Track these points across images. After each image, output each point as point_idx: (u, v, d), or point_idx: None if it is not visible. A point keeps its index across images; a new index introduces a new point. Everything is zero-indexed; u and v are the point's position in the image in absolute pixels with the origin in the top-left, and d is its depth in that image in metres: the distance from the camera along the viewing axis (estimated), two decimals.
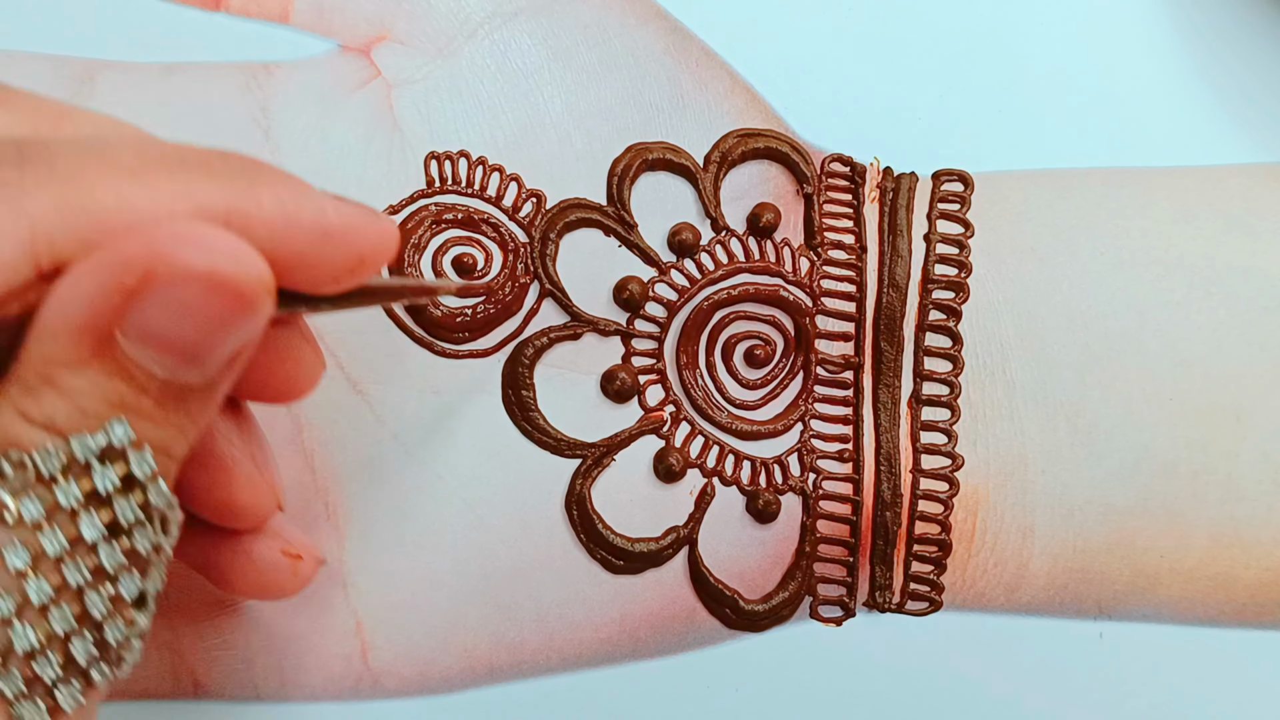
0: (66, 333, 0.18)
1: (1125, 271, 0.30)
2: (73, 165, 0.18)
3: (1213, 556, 0.30)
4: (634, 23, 0.31)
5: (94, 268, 0.18)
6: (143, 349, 0.19)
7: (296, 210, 0.20)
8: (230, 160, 0.20)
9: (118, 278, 0.18)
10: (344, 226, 0.21)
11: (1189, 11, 0.32)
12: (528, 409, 0.30)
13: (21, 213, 0.17)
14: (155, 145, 0.20)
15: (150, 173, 0.19)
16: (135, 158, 0.19)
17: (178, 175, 0.19)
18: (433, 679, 0.30)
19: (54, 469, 0.18)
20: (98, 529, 0.19)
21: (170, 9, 0.31)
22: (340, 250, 0.21)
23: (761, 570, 0.30)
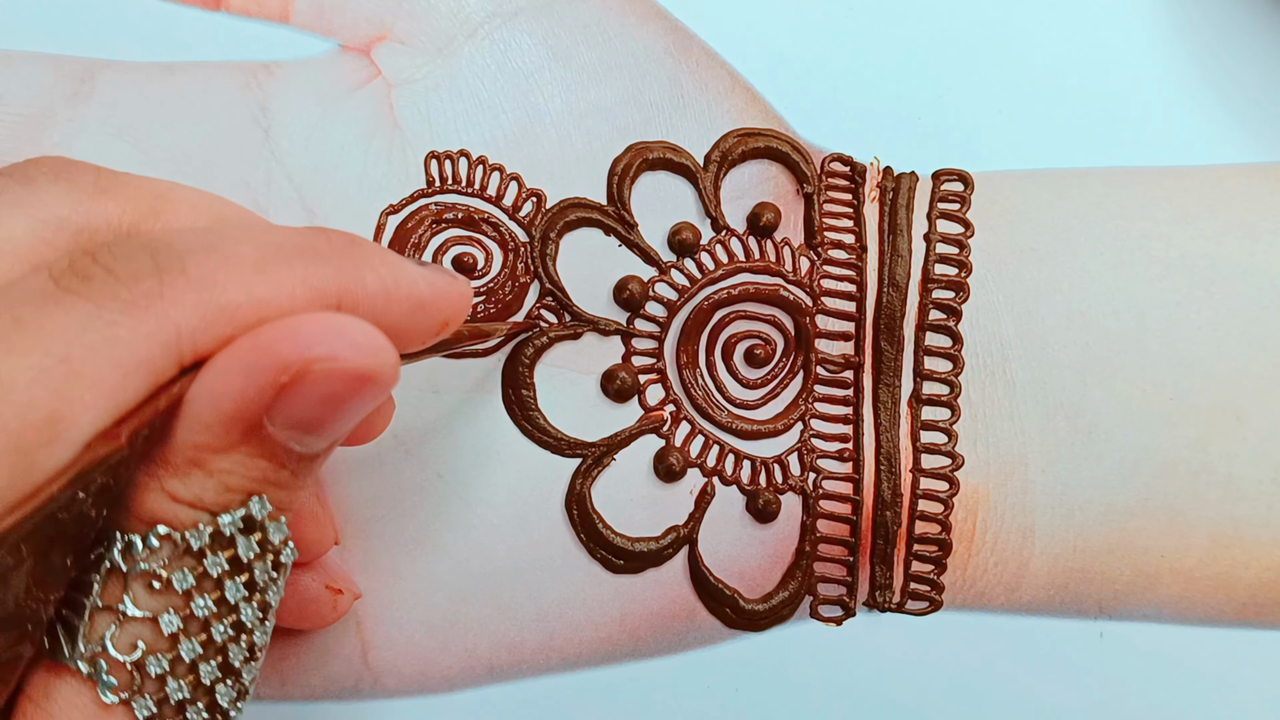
0: (219, 423, 0.19)
1: (1125, 271, 0.30)
2: (204, 268, 0.19)
3: (1213, 556, 0.30)
4: (634, 22, 0.31)
5: (243, 363, 0.19)
6: (288, 433, 0.20)
7: (396, 286, 0.21)
8: (334, 240, 0.21)
9: (272, 374, 0.19)
10: (434, 294, 0.22)
11: (1189, 12, 0.32)
12: (528, 408, 0.30)
13: (168, 321, 0.19)
14: (267, 233, 0.21)
15: (270, 265, 0.20)
16: (255, 251, 0.20)
17: (295, 264, 0.20)
18: (433, 678, 0.30)
19: (203, 543, 0.20)
20: (239, 591, 0.21)
21: (170, 9, 0.31)
22: (431, 318, 0.23)
23: (761, 570, 0.30)
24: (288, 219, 0.30)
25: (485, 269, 0.31)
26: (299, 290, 0.20)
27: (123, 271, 0.19)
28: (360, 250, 0.21)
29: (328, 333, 0.20)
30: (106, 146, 0.30)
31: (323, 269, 0.20)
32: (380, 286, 0.21)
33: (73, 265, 0.19)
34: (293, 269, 0.20)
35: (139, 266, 0.19)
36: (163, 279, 0.19)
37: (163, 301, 0.19)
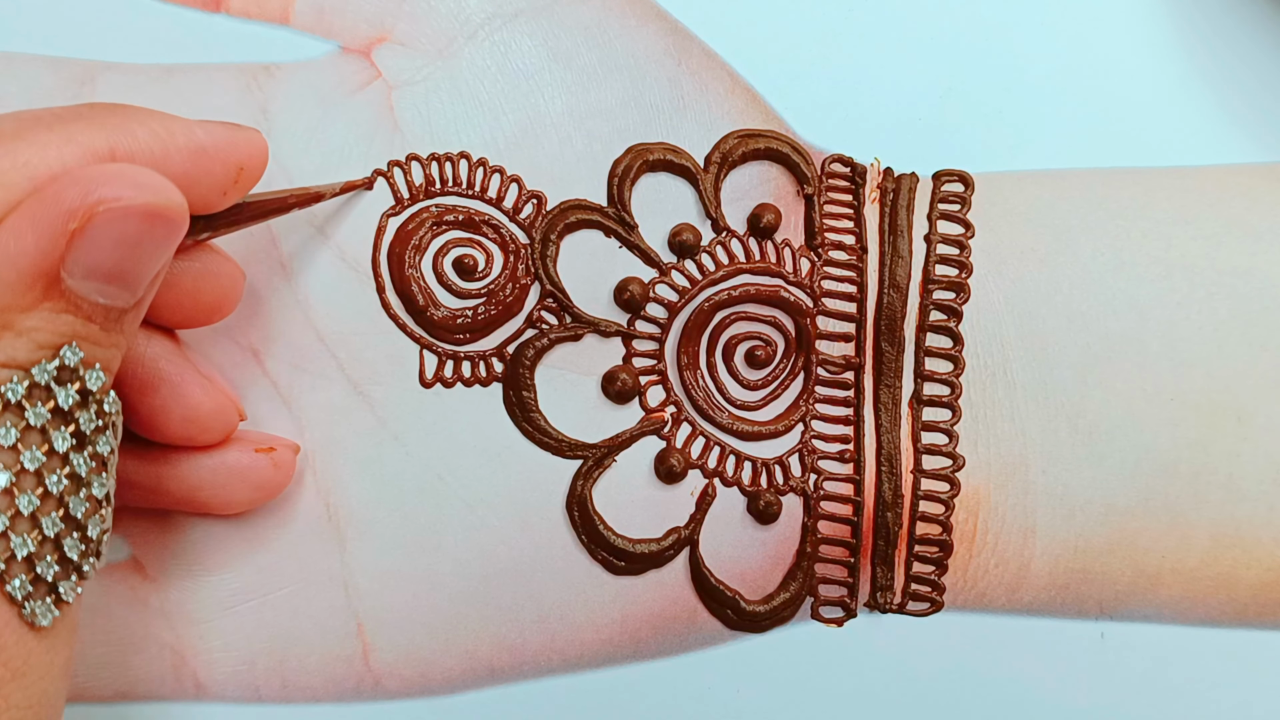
0: (18, 281, 0.20)
1: (1126, 272, 0.30)
2: None
3: (1214, 556, 0.30)
4: (634, 24, 0.31)
5: (31, 218, 0.20)
6: (86, 283, 0.21)
7: (170, 136, 0.22)
8: (98, 107, 0.22)
9: (60, 223, 0.20)
10: (215, 141, 0.23)
11: (1189, 12, 0.32)
12: (529, 410, 0.30)
13: None
14: (29, 110, 0.22)
15: (31, 132, 0.21)
16: (14, 123, 0.21)
17: (56, 128, 0.21)
18: (434, 680, 0.30)
19: (19, 395, 0.21)
20: (67, 440, 0.21)
21: (170, 10, 0.31)
22: (218, 163, 0.24)
23: (763, 571, 0.30)
24: (288, 219, 0.30)
25: (486, 271, 0.31)
26: (66, 149, 0.21)
27: None
28: (127, 109, 0.22)
29: (110, 177, 0.21)
30: None
31: (88, 128, 0.21)
32: (152, 136, 0.22)
33: None
34: (55, 132, 0.21)
35: None
36: None
37: None
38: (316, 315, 0.30)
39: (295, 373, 0.30)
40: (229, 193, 0.24)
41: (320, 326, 0.30)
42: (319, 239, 0.30)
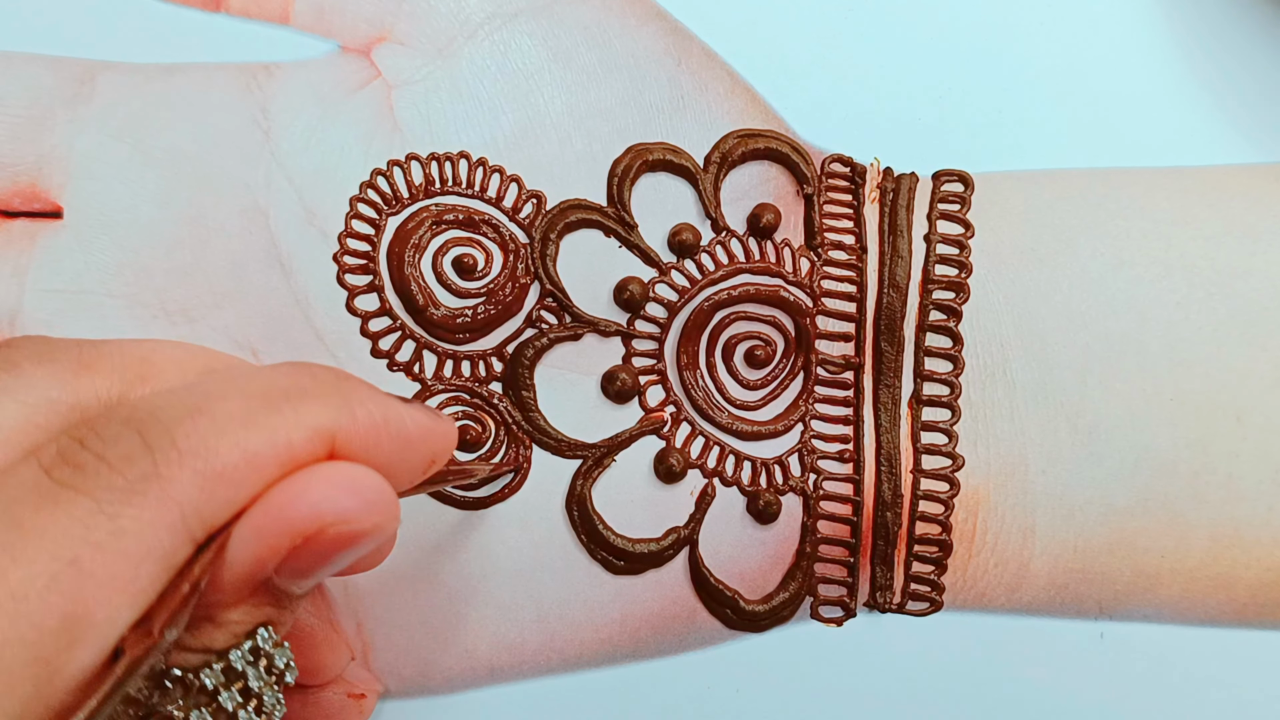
0: (230, 586, 0.20)
1: (1125, 272, 0.30)
2: (193, 437, 0.19)
3: (1213, 556, 0.30)
4: (634, 24, 0.31)
5: (257, 532, 0.19)
6: (291, 582, 0.21)
7: (386, 423, 0.21)
8: (320, 377, 0.21)
9: (285, 540, 0.19)
10: (420, 431, 0.22)
11: (1188, 13, 0.32)
12: (528, 409, 0.30)
13: (169, 501, 0.18)
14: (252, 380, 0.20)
15: (259, 415, 0.20)
16: (242, 404, 0.20)
17: (284, 409, 0.20)
18: (433, 679, 0.30)
19: (217, 681, 0.20)
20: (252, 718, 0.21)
21: (170, 9, 0.31)
22: (418, 455, 0.22)
23: (762, 571, 0.30)
24: (288, 220, 0.30)
25: (485, 270, 0.31)
26: (294, 435, 0.20)
27: (114, 456, 0.18)
28: (349, 385, 0.21)
29: (338, 490, 0.20)
30: (106, 148, 0.30)
31: (314, 408, 0.20)
32: (371, 423, 0.21)
33: (62, 454, 0.18)
34: (283, 415, 0.20)
35: (129, 448, 0.18)
36: (155, 458, 0.18)
37: (160, 482, 0.18)
38: (316, 314, 0.30)
39: None
40: (415, 479, 0.23)
41: (320, 326, 0.30)
42: (319, 239, 0.30)
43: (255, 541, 0.19)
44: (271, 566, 0.20)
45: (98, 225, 0.30)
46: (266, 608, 0.21)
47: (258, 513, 0.19)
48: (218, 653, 0.20)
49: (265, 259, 0.30)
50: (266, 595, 0.21)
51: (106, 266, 0.30)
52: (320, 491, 0.20)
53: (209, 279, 0.30)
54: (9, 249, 0.30)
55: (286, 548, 0.19)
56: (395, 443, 0.21)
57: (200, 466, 0.19)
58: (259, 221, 0.30)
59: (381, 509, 0.20)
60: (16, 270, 0.30)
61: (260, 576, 0.20)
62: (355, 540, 0.20)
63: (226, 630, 0.20)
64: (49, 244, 0.30)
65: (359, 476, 0.20)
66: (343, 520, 0.20)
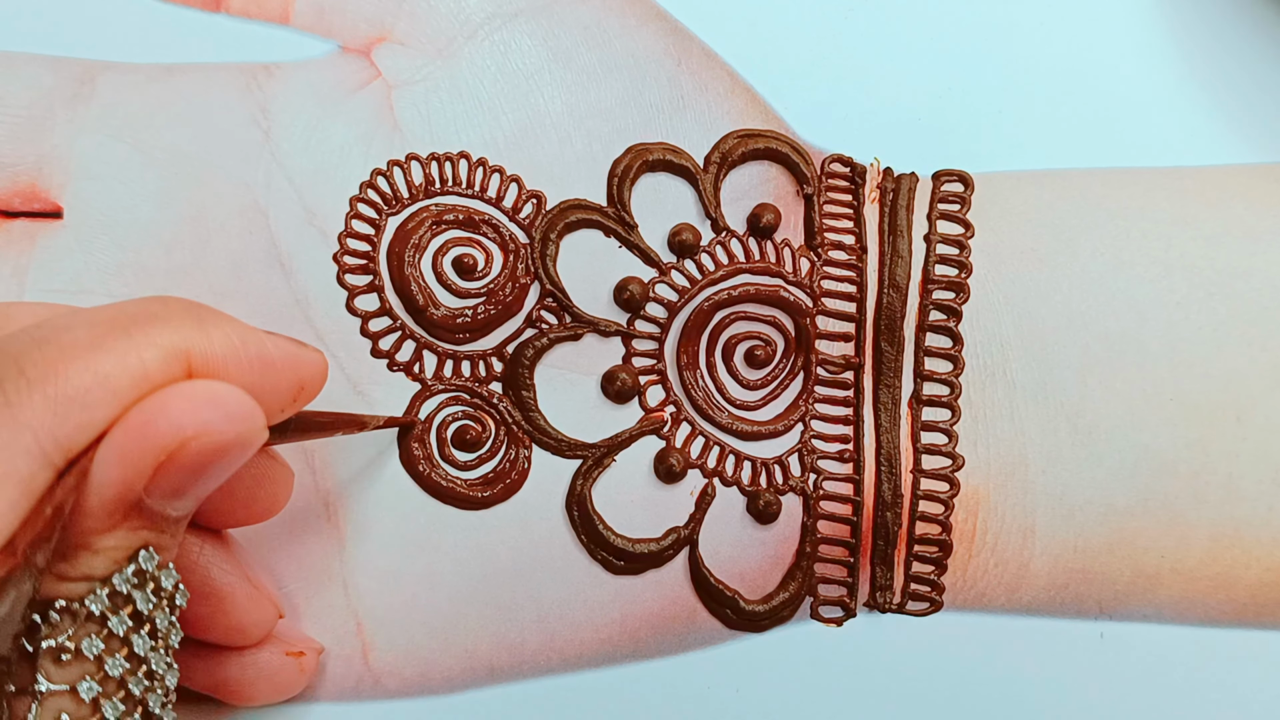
0: (101, 510, 0.20)
1: (1125, 272, 0.30)
2: (40, 364, 0.19)
3: (1213, 556, 0.30)
4: (634, 24, 0.31)
5: (120, 451, 0.19)
6: (164, 501, 0.21)
7: (243, 345, 0.22)
8: (171, 304, 0.21)
9: (149, 457, 0.20)
10: (283, 355, 0.23)
11: (1188, 13, 0.32)
12: (528, 409, 0.30)
13: (21, 428, 0.19)
14: (99, 311, 0.21)
15: (107, 339, 0.20)
16: (88, 331, 0.20)
17: (133, 332, 0.20)
18: (434, 679, 0.30)
19: (103, 606, 0.21)
20: (147, 642, 0.21)
21: (170, 9, 0.31)
22: (283, 379, 0.23)
23: (762, 571, 0.30)
24: (288, 219, 0.30)
25: (485, 270, 0.31)
26: (146, 354, 0.20)
27: None
28: (203, 310, 0.22)
29: (198, 405, 0.20)
30: (106, 148, 0.30)
31: (164, 329, 0.20)
32: (227, 343, 0.21)
33: None
34: (133, 338, 0.20)
35: None
36: (4, 386, 0.19)
37: (10, 409, 0.19)
38: (316, 314, 0.30)
39: None
40: (286, 409, 0.24)
41: (320, 326, 0.30)
42: (319, 239, 0.30)
43: (118, 462, 0.20)
44: (139, 486, 0.20)
45: (98, 225, 0.30)
46: (144, 531, 0.21)
47: (117, 433, 0.20)
48: (101, 579, 0.21)
49: (265, 259, 0.30)
50: (142, 518, 0.21)
51: (106, 266, 0.30)
52: (179, 406, 0.20)
53: (209, 279, 0.30)
54: (9, 249, 0.30)
55: (151, 465, 0.20)
56: (255, 364, 0.22)
57: (50, 391, 0.19)
58: (259, 221, 0.30)
59: (243, 419, 0.20)
60: (16, 270, 0.30)
61: (130, 498, 0.20)
62: (221, 454, 0.20)
63: (105, 556, 0.21)
64: (49, 244, 0.30)
65: (218, 390, 0.20)
66: (204, 432, 0.20)
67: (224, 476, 0.21)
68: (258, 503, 0.27)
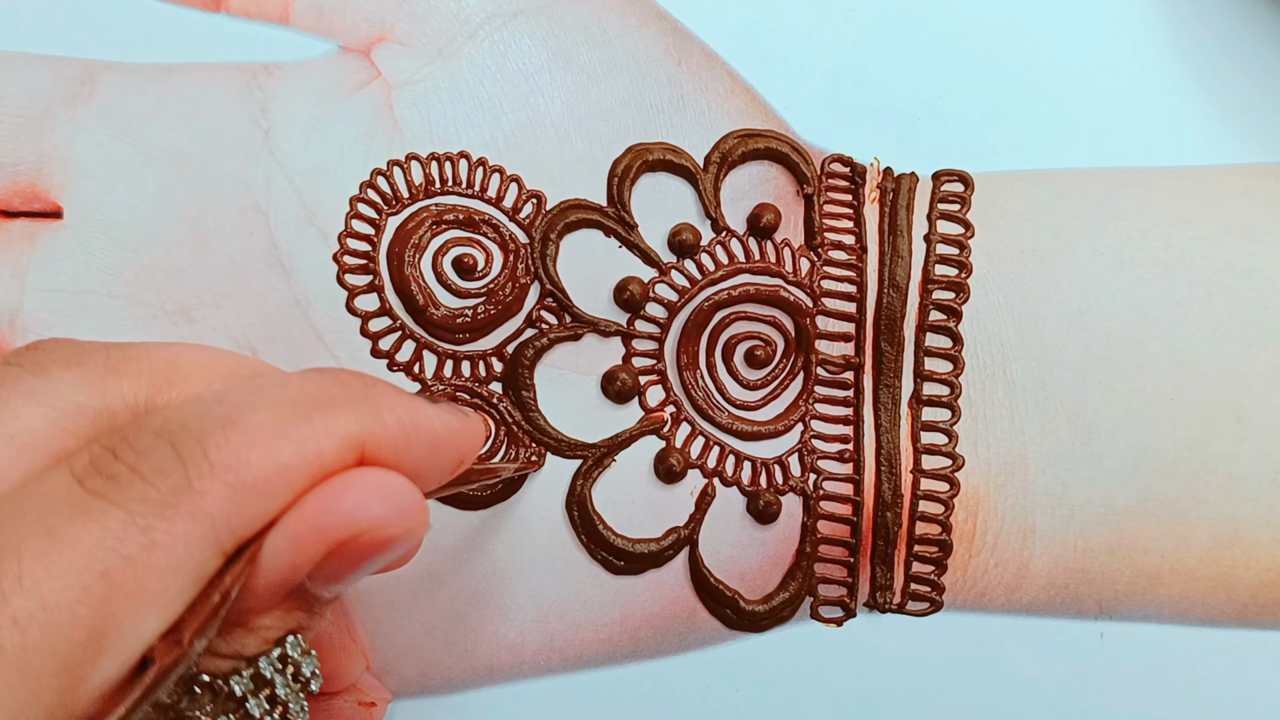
0: (264, 591, 0.20)
1: (1125, 272, 0.30)
2: (224, 448, 0.19)
3: (1213, 556, 0.30)
4: (634, 24, 0.31)
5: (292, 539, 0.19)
6: (323, 587, 0.21)
7: (415, 426, 0.21)
8: (349, 384, 0.21)
9: (320, 547, 0.19)
10: (449, 434, 0.22)
11: (1188, 13, 0.32)
12: (528, 409, 0.30)
13: (201, 515, 0.18)
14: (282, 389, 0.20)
15: (290, 426, 0.19)
16: (272, 415, 0.19)
17: (314, 419, 0.20)
18: (433, 679, 0.30)
19: (245, 689, 0.21)
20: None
21: (170, 9, 0.31)
22: (447, 457, 0.22)
23: (762, 571, 0.30)
24: (288, 219, 0.30)
25: (485, 270, 0.31)
26: (325, 444, 0.20)
27: (147, 469, 0.18)
28: (377, 392, 0.21)
29: (370, 497, 0.20)
30: (106, 147, 0.30)
31: (343, 417, 0.20)
32: (400, 428, 0.21)
33: (95, 464, 0.19)
34: (313, 424, 0.20)
35: (162, 461, 0.18)
36: (188, 470, 0.18)
37: (192, 495, 0.18)
38: (316, 314, 0.30)
39: None
40: (444, 480, 0.23)
41: (320, 326, 0.30)
42: (319, 239, 0.30)
43: (290, 550, 0.19)
44: (305, 573, 0.20)
45: (98, 225, 0.30)
46: (297, 613, 0.21)
47: (292, 521, 0.19)
48: (247, 659, 0.21)
49: (265, 259, 0.30)
50: (297, 600, 0.21)
51: (106, 266, 0.30)
52: (353, 499, 0.20)
53: (209, 279, 0.30)
54: (9, 249, 0.30)
55: (321, 555, 0.19)
56: (424, 446, 0.21)
57: (232, 479, 0.19)
58: (259, 221, 0.30)
59: (412, 514, 0.20)
60: (16, 270, 0.30)
61: (294, 583, 0.20)
62: (388, 545, 0.20)
63: (258, 636, 0.21)
64: (49, 244, 0.30)
65: (390, 482, 0.20)
66: (376, 526, 0.20)
67: (383, 565, 0.21)
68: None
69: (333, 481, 0.20)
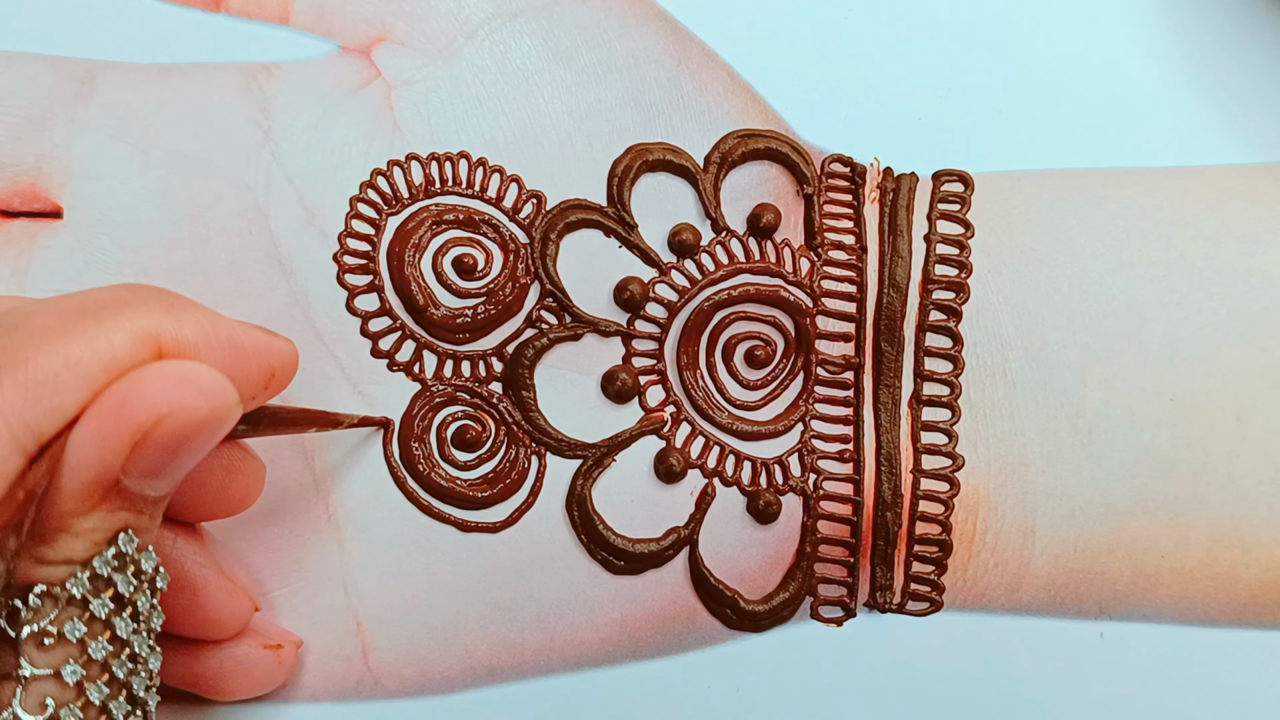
0: (79, 491, 0.20)
1: (1125, 272, 0.30)
2: (9, 350, 0.19)
3: (1213, 556, 0.30)
4: (634, 24, 0.31)
5: (95, 432, 0.20)
6: (141, 481, 0.21)
7: (213, 330, 0.22)
8: (140, 290, 0.22)
9: (125, 436, 0.20)
10: (253, 342, 0.23)
11: (1188, 13, 0.32)
12: (528, 409, 0.30)
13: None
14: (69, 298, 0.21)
15: (76, 324, 0.20)
16: (57, 317, 0.20)
17: (103, 317, 0.20)
18: (433, 680, 0.30)
19: (84, 590, 0.21)
20: (129, 625, 0.22)
21: (170, 9, 0.31)
22: (254, 366, 0.23)
23: (762, 571, 0.30)
24: (288, 219, 0.30)
25: (485, 270, 0.31)
26: (116, 338, 0.20)
27: None
28: (171, 297, 0.22)
29: (171, 383, 0.20)
30: (106, 148, 0.30)
31: (135, 315, 0.21)
32: (197, 328, 0.22)
33: None
34: (102, 323, 0.20)
35: None
36: None
37: None
38: (316, 314, 0.30)
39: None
40: (258, 396, 0.24)
41: (320, 326, 0.30)
42: (319, 239, 0.30)
43: (94, 442, 0.20)
44: (116, 467, 0.20)
45: (98, 225, 0.30)
46: (122, 512, 0.21)
47: (92, 414, 0.20)
48: (81, 563, 0.21)
49: (265, 259, 0.30)
50: (120, 499, 0.21)
51: (106, 266, 0.30)
52: (152, 385, 0.20)
53: (209, 279, 0.30)
54: (9, 249, 0.30)
55: (127, 444, 0.20)
56: (226, 349, 0.22)
57: (20, 377, 0.19)
58: (259, 221, 0.30)
59: (216, 394, 0.21)
60: (16, 270, 0.30)
61: (107, 479, 0.20)
62: (196, 430, 0.20)
63: (84, 539, 0.21)
64: (49, 244, 0.30)
65: (190, 368, 0.21)
66: (178, 408, 0.20)
67: (200, 455, 0.21)
68: (230, 496, 0.27)
69: (132, 373, 0.20)
